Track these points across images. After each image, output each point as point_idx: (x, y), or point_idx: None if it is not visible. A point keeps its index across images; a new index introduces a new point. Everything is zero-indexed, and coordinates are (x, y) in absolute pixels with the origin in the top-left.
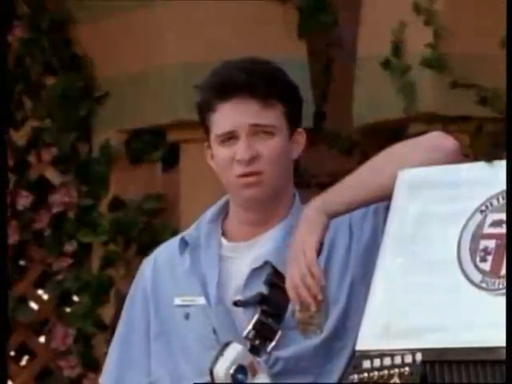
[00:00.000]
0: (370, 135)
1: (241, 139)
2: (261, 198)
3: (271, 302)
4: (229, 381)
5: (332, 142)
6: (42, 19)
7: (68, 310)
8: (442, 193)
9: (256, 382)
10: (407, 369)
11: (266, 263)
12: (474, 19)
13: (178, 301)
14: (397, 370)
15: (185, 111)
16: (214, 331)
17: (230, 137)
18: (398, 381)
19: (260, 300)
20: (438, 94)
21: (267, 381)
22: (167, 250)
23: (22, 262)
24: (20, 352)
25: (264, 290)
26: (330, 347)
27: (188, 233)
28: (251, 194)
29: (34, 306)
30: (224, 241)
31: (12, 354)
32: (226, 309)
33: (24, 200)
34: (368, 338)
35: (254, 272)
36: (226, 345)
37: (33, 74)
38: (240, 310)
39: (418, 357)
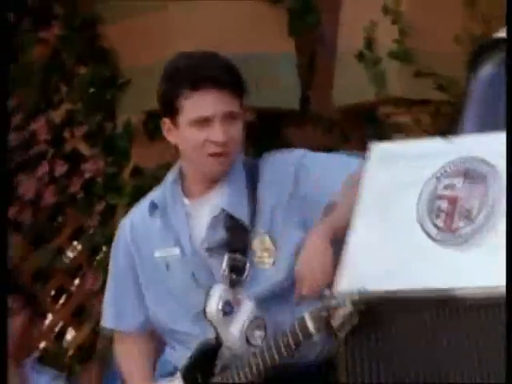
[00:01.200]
0: (347, 115)
1: (216, 124)
2: (224, 170)
3: (233, 241)
4: (220, 315)
5: (316, 123)
6: (75, 19)
7: (97, 258)
8: (407, 163)
9: (242, 309)
10: (347, 308)
11: (223, 211)
12: (433, 19)
13: (157, 253)
14: (339, 309)
15: None
16: (193, 275)
17: (204, 121)
18: (340, 317)
19: (223, 242)
20: (404, 81)
21: (250, 307)
22: (139, 212)
23: (59, 220)
24: (59, 293)
25: (224, 233)
26: None
27: (155, 196)
28: (219, 168)
29: (70, 254)
30: (185, 199)
31: (52, 293)
32: (200, 256)
33: (60, 168)
34: (343, 281)
35: (214, 220)
36: (211, 287)
37: (67, 65)
38: (211, 254)
39: (355, 297)
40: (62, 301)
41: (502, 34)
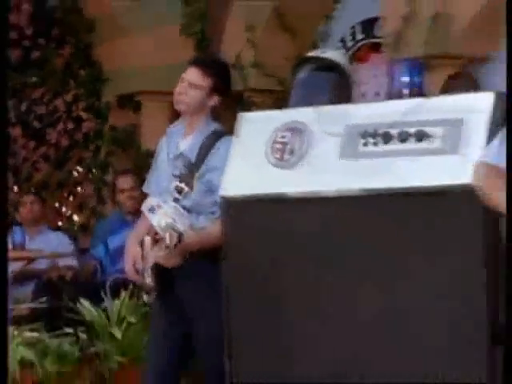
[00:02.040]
0: (228, 98)
1: (184, 83)
2: (183, 113)
3: (183, 175)
4: (147, 211)
5: None
6: (79, 43)
7: (90, 176)
8: (260, 124)
9: (161, 211)
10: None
11: (181, 153)
12: (274, 46)
13: (163, 156)
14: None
15: (139, 86)
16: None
17: (183, 79)
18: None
19: (179, 175)
20: (258, 80)
21: (166, 211)
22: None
23: (70, 154)
24: (70, 193)
25: (182, 167)
26: (209, 198)
27: (174, 125)
28: (179, 109)
29: (75, 173)
30: (183, 134)
31: (66, 194)
32: (171, 169)
33: (70, 126)
34: (224, 190)
35: (179, 156)
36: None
37: (74, 69)
38: (175, 175)
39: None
40: (71, 199)
41: (310, 54)
